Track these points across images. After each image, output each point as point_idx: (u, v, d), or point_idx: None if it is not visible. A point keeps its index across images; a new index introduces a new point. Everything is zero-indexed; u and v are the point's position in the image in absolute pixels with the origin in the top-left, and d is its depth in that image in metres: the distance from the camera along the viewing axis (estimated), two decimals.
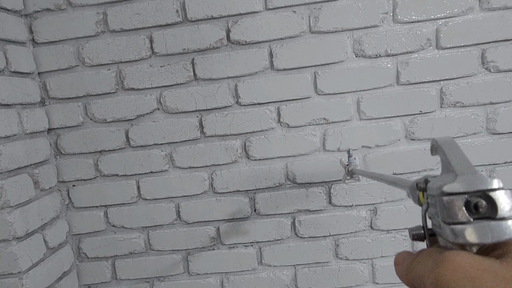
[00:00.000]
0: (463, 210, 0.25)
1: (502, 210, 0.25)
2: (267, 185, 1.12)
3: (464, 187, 0.26)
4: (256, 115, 1.09)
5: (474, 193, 0.25)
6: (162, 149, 1.12)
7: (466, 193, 0.26)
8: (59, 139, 1.13)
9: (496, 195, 0.25)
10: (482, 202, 0.25)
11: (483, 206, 0.25)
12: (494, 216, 0.25)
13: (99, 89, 1.10)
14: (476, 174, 0.26)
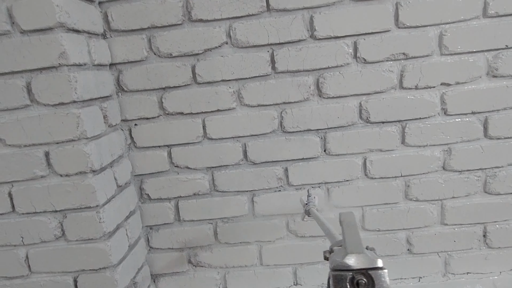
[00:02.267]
0: (347, 285, 0.32)
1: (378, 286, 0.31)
2: (339, 124, 1.08)
3: (350, 264, 0.32)
4: (332, 49, 1.03)
5: (357, 271, 0.31)
6: (230, 86, 1.07)
7: (351, 270, 0.31)
8: (121, 75, 1.07)
9: (376, 274, 0.31)
10: (363, 280, 0.31)
11: (363, 284, 0.31)
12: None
13: (164, 20, 1.03)
14: (362, 254, 0.33)
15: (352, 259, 0.32)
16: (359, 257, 0.32)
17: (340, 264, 0.32)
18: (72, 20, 0.86)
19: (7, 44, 0.83)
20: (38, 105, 0.87)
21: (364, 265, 0.31)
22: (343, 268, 0.31)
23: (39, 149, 0.89)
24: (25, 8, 0.81)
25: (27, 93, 0.86)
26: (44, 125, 0.87)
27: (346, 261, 0.32)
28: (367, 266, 0.31)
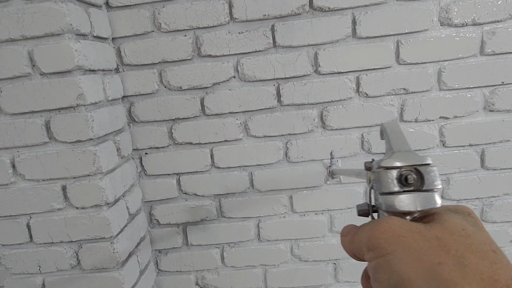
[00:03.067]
0: (395, 182, 0.29)
1: (428, 183, 0.28)
2: (342, 154, 1.12)
3: (398, 162, 0.29)
4: (335, 84, 1.08)
5: (406, 167, 0.29)
6: (237, 118, 1.12)
7: (399, 167, 0.29)
8: (132, 107, 1.12)
9: (425, 169, 0.29)
10: (412, 175, 0.28)
11: (412, 179, 0.28)
12: (422, 188, 0.28)
13: (175, 55, 1.08)
14: (410, 151, 0.30)
15: (399, 156, 0.29)
16: (407, 154, 0.30)
17: (386, 161, 0.29)
18: (89, 62, 0.91)
19: (27, 85, 0.88)
20: (56, 142, 0.91)
21: (413, 161, 0.29)
22: (389, 166, 0.29)
23: (57, 184, 0.93)
24: (46, 52, 0.85)
25: (46, 131, 0.90)
26: (62, 161, 0.91)
27: (393, 159, 0.29)
28: (416, 163, 0.29)
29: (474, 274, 0.21)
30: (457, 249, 0.23)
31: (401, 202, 0.28)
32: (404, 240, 0.24)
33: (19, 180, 0.93)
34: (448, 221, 0.26)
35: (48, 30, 0.84)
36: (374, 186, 0.31)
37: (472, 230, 0.25)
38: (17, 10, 0.84)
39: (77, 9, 0.88)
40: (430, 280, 0.22)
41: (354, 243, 0.29)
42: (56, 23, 0.84)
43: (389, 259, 0.24)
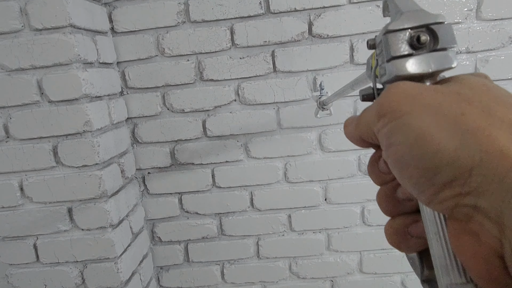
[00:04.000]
0: (406, 44, 0.25)
1: (443, 41, 0.24)
2: (339, 175, 1.16)
3: (407, 23, 0.25)
4: (334, 108, 1.11)
5: (417, 28, 0.25)
6: (238, 140, 1.15)
7: (409, 28, 0.25)
8: (136, 128, 1.15)
9: (438, 28, 0.24)
10: (424, 35, 0.24)
11: (425, 39, 0.24)
12: (436, 47, 0.24)
13: (178, 79, 1.11)
14: (420, 10, 0.25)
15: (409, 17, 0.25)
16: (418, 13, 0.25)
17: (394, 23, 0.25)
18: (95, 89, 0.94)
19: (36, 112, 0.91)
20: (63, 166, 0.94)
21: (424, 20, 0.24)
22: (398, 28, 0.25)
23: (63, 206, 0.96)
24: (54, 81, 0.89)
25: (54, 156, 0.94)
26: (69, 185, 0.95)
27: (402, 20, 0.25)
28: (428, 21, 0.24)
29: (502, 120, 0.19)
30: (480, 101, 0.20)
31: (414, 65, 0.24)
32: (421, 98, 0.21)
33: (27, 202, 0.97)
34: (467, 79, 0.22)
35: (57, 60, 0.87)
36: (380, 59, 0.27)
37: (493, 85, 0.22)
38: (27, 41, 0.87)
39: (84, 39, 0.92)
40: (453, 131, 0.19)
41: (361, 123, 0.26)
42: (65, 53, 0.87)
43: (405, 119, 0.21)
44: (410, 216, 0.25)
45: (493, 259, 0.18)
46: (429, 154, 0.19)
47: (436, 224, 0.22)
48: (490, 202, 0.18)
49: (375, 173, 0.27)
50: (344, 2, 1.04)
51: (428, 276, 0.25)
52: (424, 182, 0.20)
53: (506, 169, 0.17)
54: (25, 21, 0.86)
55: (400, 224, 0.25)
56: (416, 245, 0.25)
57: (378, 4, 1.04)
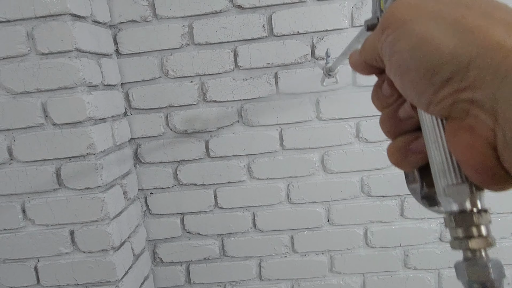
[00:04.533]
0: None
1: None
2: (342, 197, 1.15)
3: None
4: (336, 129, 1.12)
5: None
6: (240, 160, 1.15)
7: None
8: (139, 148, 1.15)
9: None
10: None
11: None
12: None
13: (181, 100, 1.11)
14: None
15: None
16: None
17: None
18: (99, 112, 0.94)
19: (40, 135, 0.91)
20: (66, 189, 0.94)
21: None
22: None
23: (65, 229, 0.96)
24: (59, 104, 0.89)
25: (56, 178, 0.94)
26: (71, 207, 0.94)
27: None
28: None
29: (499, 21, 0.19)
30: (479, 6, 0.20)
31: None
32: (423, 6, 0.22)
33: (28, 224, 0.96)
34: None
35: (62, 84, 0.88)
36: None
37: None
38: (33, 65, 0.88)
39: (89, 63, 0.92)
40: (453, 31, 0.20)
41: (365, 46, 0.26)
42: (70, 77, 0.88)
43: (408, 25, 0.21)
44: (411, 134, 0.26)
45: (487, 150, 0.19)
46: (429, 54, 0.20)
47: (435, 131, 0.22)
48: (485, 92, 0.18)
49: (378, 98, 0.28)
50: (347, 25, 1.06)
51: (427, 192, 0.26)
52: (424, 83, 0.21)
53: (501, 59, 0.18)
54: (32, 45, 0.87)
55: (402, 142, 0.26)
56: (417, 161, 0.26)
57: None
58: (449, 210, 0.22)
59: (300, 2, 1.05)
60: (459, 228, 0.22)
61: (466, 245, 0.21)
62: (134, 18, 1.07)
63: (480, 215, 0.21)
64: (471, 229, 0.21)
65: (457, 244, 0.22)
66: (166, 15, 1.07)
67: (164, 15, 1.07)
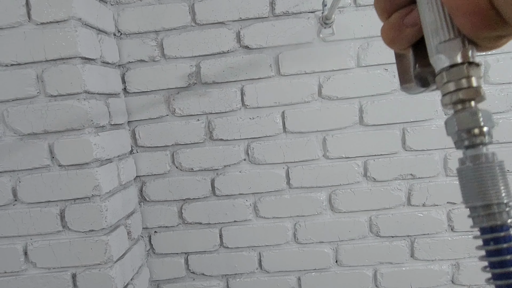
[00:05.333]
0: None
1: None
2: (350, 237, 1.13)
3: None
4: (343, 168, 1.10)
5: None
6: (247, 199, 1.13)
7: None
8: (144, 186, 1.14)
9: None
10: None
11: None
12: None
13: (187, 139, 1.11)
14: None
15: None
16: None
17: None
18: (106, 153, 0.94)
19: (46, 176, 0.90)
20: (70, 231, 0.92)
21: None
22: None
23: (67, 272, 0.93)
24: (65, 146, 0.89)
25: (60, 220, 0.92)
26: (74, 250, 0.92)
27: None
28: None
29: None
30: None
31: None
32: None
33: (30, 267, 0.94)
34: None
35: (70, 126, 0.88)
36: None
37: None
38: (41, 107, 0.88)
39: (97, 104, 0.93)
40: None
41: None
42: (78, 119, 0.88)
43: None
44: (404, 9, 0.26)
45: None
46: None
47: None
48: None
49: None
50: (353, 66, 1.06)
51: (419, 72, 0.26)
52: None
53: None
54: (41, 88, 0.88)
55: (396, 18, 0.26)
56: (411, 36, 0.25)
57: (386, 68, 1.06)
58: (440, 68, 0.22)
59: (306, 43, 1.06)
60: (450, 82, 0.22)
61: (457, 97, 0.22)
62: (143, 58, 1.08)
63: (471, 67, 0.21)
64: (461, 81, 0.22)
65: (447, 99, 0.22)
66: (174, 55, 1.08)
67: (172, 55, 1.08)
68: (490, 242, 0.23)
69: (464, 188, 0.23)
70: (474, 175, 0.22)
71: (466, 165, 0.22)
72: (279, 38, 1.06)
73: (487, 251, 0.24)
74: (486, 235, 0.23)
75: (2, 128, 0.89)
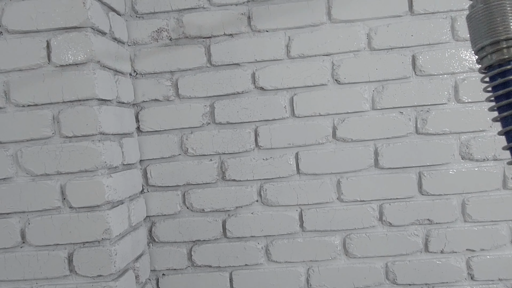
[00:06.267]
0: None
1: None
2: (366, 284, 1.08)
3: None
4: (358, 212, 1.08)
5: None
6: (258, 242, 1.10)
7: None
8: (154, 227, 1.11)
9: None
10: None
11: None
12: None
13: (199, 179, 1.09)
14: None
15: None
16: None
17: None
18: (118, 195, 0.92)
19: (56, 218, 0.88)
20: (77, 276, 0.89)
21: None
22: None
23: None
24: (77, 187, 0.87)
25: (68, 264, 0.89)
26: None
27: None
28: None
29: None
30: None
31: None
32: None
33: None
34: None
35: (83, 167, 0.87)
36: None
37: None
38: (55, 148, 0.87)
39: (112, 145, 0.92)
40: None
41: None
42: (92, 161, 0.87)
43: None
44: None
45: None
46: None
47: None
48: None
49: None
50: (368, 108, 1.06)
51: None
52: None
53: None
54: (56, 129, 0.87)
55: None
56: None
57: (401, 111, 1.05)
58: None
59: (321, 85, 1.06)
60: None
61: None
62: (157, 97, 1.09)
63: None
64: None
65: None
66: (188, 95, 1.08)
67: (187, 95, 1.08)
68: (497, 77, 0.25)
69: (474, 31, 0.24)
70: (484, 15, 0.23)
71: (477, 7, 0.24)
72: (294, 80, 1.06)
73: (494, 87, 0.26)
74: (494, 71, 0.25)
75: (15, 169, 0.88)
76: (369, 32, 1.05)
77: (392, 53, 1.05)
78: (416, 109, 1.05)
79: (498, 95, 0.27)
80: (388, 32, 1.04)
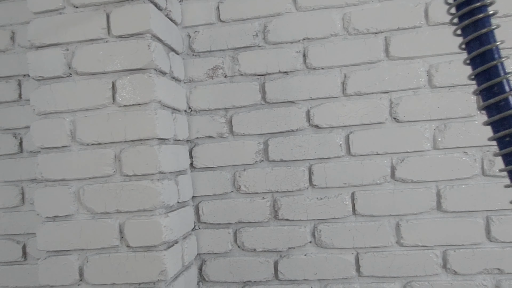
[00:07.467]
0: None
1: None
2: None
3: None
4: (420, 258, 1.01)
5: None
6: (312, 286, 1.05)
7: None
8: (204, 265, 1.09)
9: None
10: None
11: None
12: None
13: (251, 217, 1.07)
14: None
15: None
16: None
17: None
18: (174, 235, 0.91)
19: (113, 257, 0.88)
20: None
21: None
22: None
23: None
24: (136, 226, 0.87)
25: None
26: None
27: None
28: None
29: None
30: None
31: None
32: None
33: None
34: None
35: (142, 207, 0.87)
36: None
37: None
38: (116, 187, 0.88)
39: (169, 184, 0.92)
40: None
41: None
42: (150, 200, 0.87)
43: None
44: None
45: None
46: None
47: None
48: None
49: None
50: (429, 148, 1.01)
51: None
52: None
53: None
54: (117, 167, 0.88)
55: None
56: None
57: (466, 151, 1.00)
58: None
59: (379, 123, 1.03)
60: None
61: None
62: (211, 134, 1.09)
63: None
64: None
65: None
66: (242, 132, 1.08)
67: (241, 132, 1.08)
68: None
69: None
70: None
71: None
72: (350, 118, 1.04)
73: None
74: None
75: (77, 206, 0.90)
76: (429, 69, 1.02)
77: (455, 91, 1.00)
78: (482, 149, 0.99)
79: None
80: (450, 69, 1.00)
